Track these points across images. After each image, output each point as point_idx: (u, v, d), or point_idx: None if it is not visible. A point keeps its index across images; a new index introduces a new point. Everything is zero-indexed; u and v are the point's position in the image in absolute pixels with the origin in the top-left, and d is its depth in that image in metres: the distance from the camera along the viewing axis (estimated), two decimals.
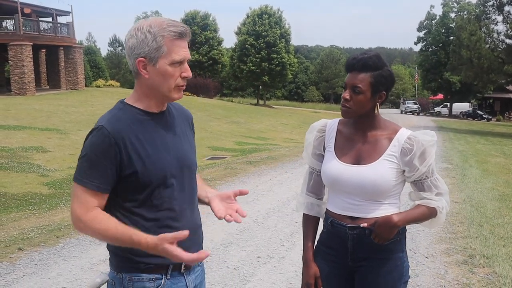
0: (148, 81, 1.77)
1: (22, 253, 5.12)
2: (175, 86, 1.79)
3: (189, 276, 1.91)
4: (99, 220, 1.70)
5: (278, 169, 11.30)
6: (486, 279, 4.62)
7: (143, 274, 1.79)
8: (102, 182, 1.71)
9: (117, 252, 1.82)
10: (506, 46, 34.14)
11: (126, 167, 1.73)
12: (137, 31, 1.75)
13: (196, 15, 55.86)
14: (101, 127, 1.72)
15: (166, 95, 1.80)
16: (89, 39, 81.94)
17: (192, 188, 1.95)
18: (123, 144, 1.72)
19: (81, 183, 1.71)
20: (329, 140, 2.23)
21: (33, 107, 22.62)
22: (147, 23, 1.75)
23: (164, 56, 1.74)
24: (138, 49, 1.74)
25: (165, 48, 1.73)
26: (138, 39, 1.74)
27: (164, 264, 1.81)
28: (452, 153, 15.86)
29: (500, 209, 7.62)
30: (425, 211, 2.09)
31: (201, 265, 2.03)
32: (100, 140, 1.71)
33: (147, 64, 1.75)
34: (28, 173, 10.36)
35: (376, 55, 2.06)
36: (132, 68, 1.80)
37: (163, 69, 1.74)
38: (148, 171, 1.75)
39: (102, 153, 1.70)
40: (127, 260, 1.79)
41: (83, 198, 1.70)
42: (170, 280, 1.83)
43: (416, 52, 70.69)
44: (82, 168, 1.73)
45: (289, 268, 4.86)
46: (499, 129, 37.99)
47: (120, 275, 1.81)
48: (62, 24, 34.19)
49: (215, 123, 25.49)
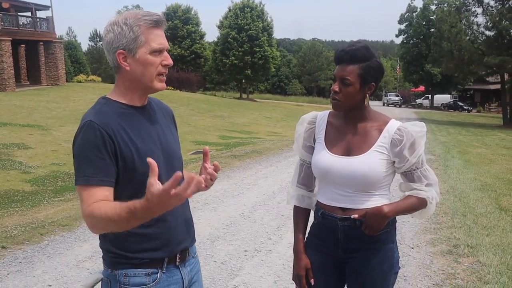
0: (129, 73, 1.77)
1: (6, 252, 5.05)
2: (156, 75, 1.78)
3: (184, 269, 1.92)
4: (103, 206, 1.61)
5: (263, 163, 11.31)
6: (471, 268, 4.68)
7: (139, 269, 1.78)
8: (104, 175, 1.67)
9: (110, 249, 1.80)
10: (486, 38, 34.55)
11: (119, 159, 1.71)
12: (113, 25, 1.75)
13: (177, 8, 55.42)
14: (89, 121, 1.70)
15: (149, 85, 1.79)
16: (70, 34, 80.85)
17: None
18: (114, 135, 1.70)
19: (84, 183, 1.66)
20: (319, 132, 2.23)
21: (14, 103, 22.28)
22: (122, 17, 1.76)
23: (143, 45, 1.74)
24: (116, 42, 1.74)
25: (142, 37, 1.73)
26: (115, 33, 1.74)
27: (159, 258, 1.81)
28: (435, 144, 16.04)
29: (482, 199, 7.73)
30: (415, 202, 2.10)
31: (196, 257, 2.04)
32: (91, 134, 1.68)
33: (127, 56, 1.75)
34: (9, 170, 10.20)
35: (364, 47, 2.06)
36: (112, 63, 1.79)
37: (143, 58, 1.74)
38: (138, 163, 1.73)
39: (96, 146, 1.67)
40: (122, 256, 1.78)
41: (90, 196, 1.64)
42: (166, 274, 1.83)
43: (397, 44, 71.08)
44: (80, 168, 1.68)
45: (277, 262, 4.87)
46: (479, 120, 38.52)
47: (115, 272, 1.79)
48: (41, 19, 33.63)
49: (198, 118, 25.38)
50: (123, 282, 1.78)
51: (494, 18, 31.92)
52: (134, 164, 1.73)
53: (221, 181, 8.90)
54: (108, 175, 1.68)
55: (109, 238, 1.79)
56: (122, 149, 1.71)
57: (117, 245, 1.77)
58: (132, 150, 1.73)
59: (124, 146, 1.72)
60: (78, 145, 1.70)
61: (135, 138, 1.76)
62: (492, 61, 30.96)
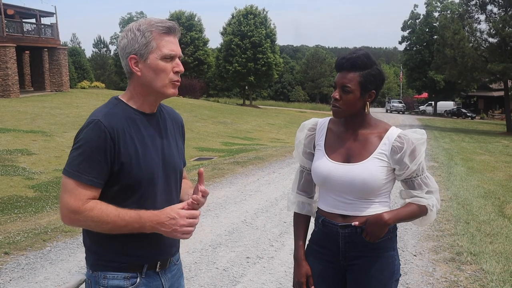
0: (141, 78, 1.79)
1: (9, 258, 5.05)
2: (169, 82, 1.81)
3: (165, 275, 1.93)
4: (99, 208, 1.70)
5: (266, 169, 11.31)
6: (474, 276, 4.66)
7: (118, 273, 1.81)
8: (96, 176, 1.71)
9: (92, 248, 1.83)
10: (489, 44, 34.49)
11: (116, 163, 1.73)
12: (127, 32, 1.80)
13: (181, 15, 55.68)
14: (98, 121, 1.72)
15: (160, 91, 1.82)
16: (74, 40, 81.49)
17: (176, 191, 1.97)
18: (117, 140, 1.72)
19: (75, 177, 1.70)
20: (319, 138, 2.23)
21: (17, 109, 22.36)
22: (137, 24, 1.81)
23: (154, 51, 1.77)
24: (129, 47, 1.78)
25: (154, 43, 1.77)
26: (128, 38, 1.78)
27: (138, 263, 1.83)
28: (438, 151, 16.00)
29: (485, 206, 7.70)
30: (415, 209, 2.10)
31: (178, 263, 2.05)
32: (96, 133, 1.70)
33: (138, 61, 1.78)
34: (13, 176, 10.23)
35: (365, 54, 2.07)
36: (126, 69, 1.82)
37: (154, 64, 1.77)
38: (136, 170, 1.76)
39: (97, 147, 1.70)
40: (102, 258, 1.81)
41: (77, 191, 1.69)
42: (145, 279, 1.85)
43: (400, 51, 71.19)
44: (75, 161, 1.71)
45: (279, 268, 4.86)
46: (483, 127, 38.43)
47: (95, 274, 1.82)
48: (46, 25, 33.79)
49: (201, 124, 25.43)
50: (102, 284, 1.81)
51: (497, 25, 31.88)
52: (131, 170, 1.75)
53: (224, 188, 8.90)
54: (98, 177, 1.71)
55: (91, 238, 1.82)
56: (121, 154, 1.73)
57: (98, 246, 1.81)
58: (131, 156, 1.75)
59: (124, 152, 1.74)
60: (81, 138, 1.73)
61: (138, 144, 1.78)
62: (495, 68, 30.91)
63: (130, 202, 1.77)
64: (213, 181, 9.50)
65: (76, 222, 1.74)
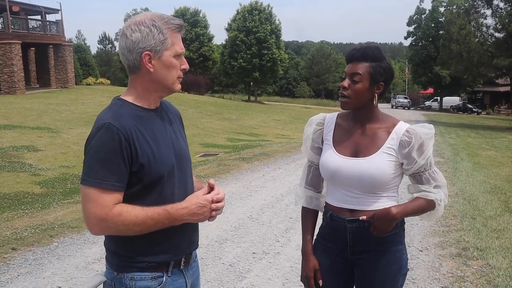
0: (152, 75, 1.76)
1: (16, 253, 5.08)
2: (177, 78, 1.83)
3: (187, 272, 1.93)
4: (126, 211, 1.67)
5: (271, 165, 11.31)
6: (480, 271, 4.65)
7: (145, 273, 1.78)
8: (117, 180, 1.67)
9: (117, 251, 1.79)
10: (495, 39, 34.35)
11: (134, 163, 1.70)
12: (139, 25, 1.74)
13: (186, 11, 55.58)
14: (109, 124, 1.67)
15: (170, 87, 1.82)
16: (79, 37, 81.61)
17: (191, 182, 1.97)
18: (132, 140, 1.69)
19: (96, 185, 1.65)
20: (327, 133, 2.23)
21: (23, 106, 22.44)
22: (148, 17, 1.75)
23: (169, 48, 1.76)
24: (144, 42, 1.73)
25: (169, 40, 1.76)
26: (143, 33, 1.73)
27: (165, 262, 1.82)
28: (444, 147, 15.95)
29: (492, 201, 7.67)
30: (423, 204, 2.10)
31: (196, 261, 2.05)
32: (110, 137, 1.66)
33: (152, 58, 1.74)
34: (19, 173, 10.29)
35: (376, 47, 2.09)
36: (133, 63, 1.76)
37: (168, 61, 1.77)
38: (154, 167, 1.73)
39: (113, 150, 1.65)
40: (129, 259, 1.77)
41: (101, 199, 1.65)
42: (171, 277, 1.83)
43: (406, 46, 70.95)
44: (93, 169, 1.66)
45: (285, 264, 4.87)
46: (489, 122, 38.25)
47: (121, 275, 1.78)
48: (51, 22, 33.91)
49: (206, 120, 25.44)
50: (128, 285, 1.77)
51: (504, 20, 31.72)
52: (150, 169, 1.73)
53: (230, 184, 8.91)
54: (120, 180, 1.68)
55: (116, 240, 1.78)
56: (139, 154, 1.70)
57: (124, 247, 1.77)
58: (149, 155, 1.73)
59: (141, 152, 1.71)
60: (93, 146, 1.68)
61: (152, 143, 1.76)
62: (501, 63, 30.80)
63: (151, 200, 1.74)
64: (219, 177, 9.51)
65: (106, 230, 1.71)
